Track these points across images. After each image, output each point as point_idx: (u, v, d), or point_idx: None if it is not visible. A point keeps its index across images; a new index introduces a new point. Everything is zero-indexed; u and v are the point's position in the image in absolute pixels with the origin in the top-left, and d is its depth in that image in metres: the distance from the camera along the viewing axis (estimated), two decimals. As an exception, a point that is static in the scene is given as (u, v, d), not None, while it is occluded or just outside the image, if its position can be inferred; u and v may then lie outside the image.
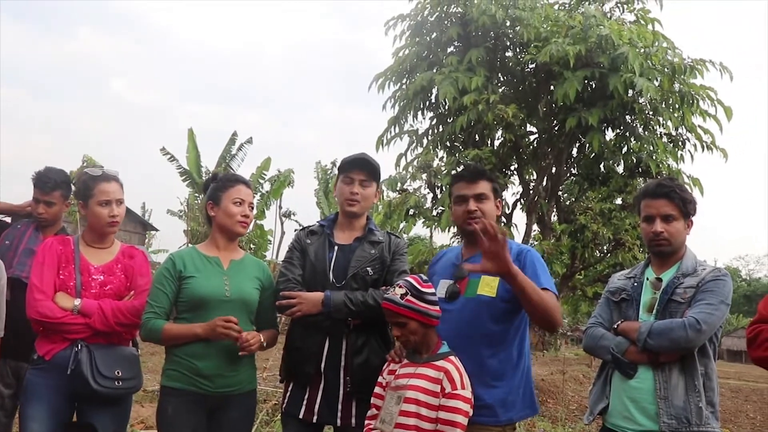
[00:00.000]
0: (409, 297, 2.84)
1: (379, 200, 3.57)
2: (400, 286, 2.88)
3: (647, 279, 3.04)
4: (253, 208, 3.38)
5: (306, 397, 3.19)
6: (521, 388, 3.04)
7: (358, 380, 3.14)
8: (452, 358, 2.85)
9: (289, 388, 3.29)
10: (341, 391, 3.16)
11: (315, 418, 3.17)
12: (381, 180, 3.49)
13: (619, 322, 2.97)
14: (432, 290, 2.94)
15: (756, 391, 18.29)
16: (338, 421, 3.16)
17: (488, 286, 2.99)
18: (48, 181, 3.90)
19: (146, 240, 32.05)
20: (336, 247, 3.33)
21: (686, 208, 2.99)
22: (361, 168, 3.35)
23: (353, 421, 3.15)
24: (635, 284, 3.05)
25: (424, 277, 2.98)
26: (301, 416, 3.18)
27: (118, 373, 3.14)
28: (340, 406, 3.15)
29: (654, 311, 2.92)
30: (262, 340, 3.17)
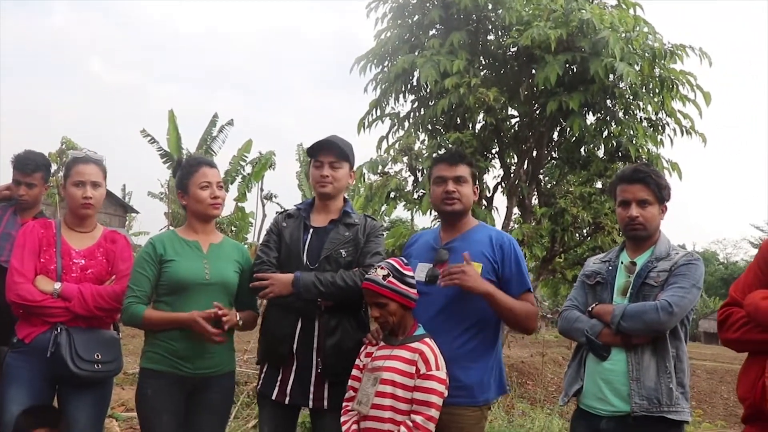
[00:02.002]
0: (391, 278, 2.89)
1: (354, 181, 3.59)
2: (383, 268, 2.92)
3: (622, 263, 3.08)
4: (222, 187, 3.37)
5: (279, 378, 3.22)
6: (495, 369, 3.11)
7: (330, 362, 3.16)
8: (427, 340, 2.89)
9: (264, 369, 3.32)
10: (313, 373, 3.18)
11: (287, 399, 3.19)
12: (354, 160, 3.51)
13: (594, 305, 3.02)
14: (412, 273, 2.99)
15: (730, 372, 18.56)
16: (310, 403, 3.18)
17: None
18: (29, 163, 3.89)
19: (127, 222, 31.80)
20: (311, 230, 3.35)
21: (661, 194, 3.04)
22: (329, 150, 3.37)
23: (325, 403, 3.16)
24: (610, 268, 3.10)
25: (405, 260, 3.03)
26: (274, 397, 3.21)
27: (97, 356, 3.16)
28: (312, 388, 3.17)
29: (628, 294, 2.96)
30: (238, 318, 3.20)
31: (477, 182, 3.30)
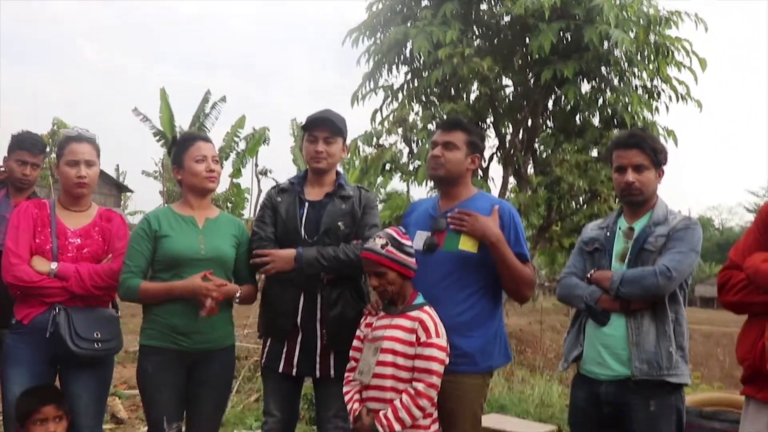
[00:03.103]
0: (389, 247, 2.88)
1: (348, 154, 3.59)
2: (381, 237, 2.92)
3: (620, 228, 3.08)
4: (217, 161, 3.35)
5: (284, 351, 3.24)
6: (498, 336, 3.12)
7: (334, 332, 3.19)
8: (427, 308, 2.90)
9: (268, 343, 3.34)
10: (318, 344, 3.21)
11: (294, 371, 3.22)
12: (348, 133, 3.50)
13: (592, 271, 3.02)
14: (410, 243, 2.99)
15: (726, 336, 18.73)
16: (317, 373, 3.21)
17: (470, 241, 3.02)
18: (37, 144, 3.87)
19: (122, 202, 31.72)
20: (307, 204, 3.35)
21: (657, 158, 3.02)
22: (323, 125, 3.35)
23: (332, 372, 3.20)
24: (608, 234, 3.09)
25: (403, 230, 3.03)
26: (280, 370, 3.24)
27: (96, 335, 3.14)
28: (318, 359, 3.21)
29: (626, 260, 2.96)
30: (238, 293, 3.21)
31: (477, 151, 3.24)
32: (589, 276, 3.03)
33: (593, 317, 2.96)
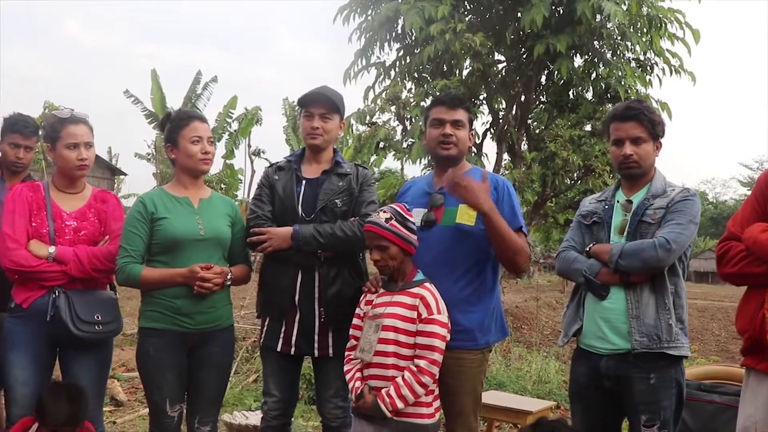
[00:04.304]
0: (393, 222, 2.88)
1: (344, 132, 3.58)
2: (385, 211, 2.92)
3: (618, 201, 3.06)
4: (212, 142, 3.32)
5: (283, 330, 3.24)
6: (495, 312, 3.13)
7: (332, 311, 3.19)
8: (427, 284, 2.90)
9: (266, 323, 3.34)
10: (317, 323, 3.20)
11: (293, 350, 3.23)
12: (345, 111, 3.49)
13: (591, 244, 3.01)
14: (414, 219, 2.99)
15: (721, 310, 18.87)
16: (315, 352, 3.21)
17: (467, 215, 3.02)
18: (28, 126, 3.82)
19: (115, 185, 31.56)
20: (304, 181, 3.34)
21: (655, 130, 3.01)
22: (319, 102, 3.33)
23: (330, 351, 3.20)
24: (606, 207, 3.08)
25: (407, 206, 3.02)
26: (279, 349, 3.24)
27: (97, 317, 3.14)
28: (316, 338, 3.21)
29: (625, 233, 2.95)
30: (229, 277, 3.20)
31: (472, 128, 3.27)
32: (588, 249, 3.02)
33: (593, 291, 2.96)
